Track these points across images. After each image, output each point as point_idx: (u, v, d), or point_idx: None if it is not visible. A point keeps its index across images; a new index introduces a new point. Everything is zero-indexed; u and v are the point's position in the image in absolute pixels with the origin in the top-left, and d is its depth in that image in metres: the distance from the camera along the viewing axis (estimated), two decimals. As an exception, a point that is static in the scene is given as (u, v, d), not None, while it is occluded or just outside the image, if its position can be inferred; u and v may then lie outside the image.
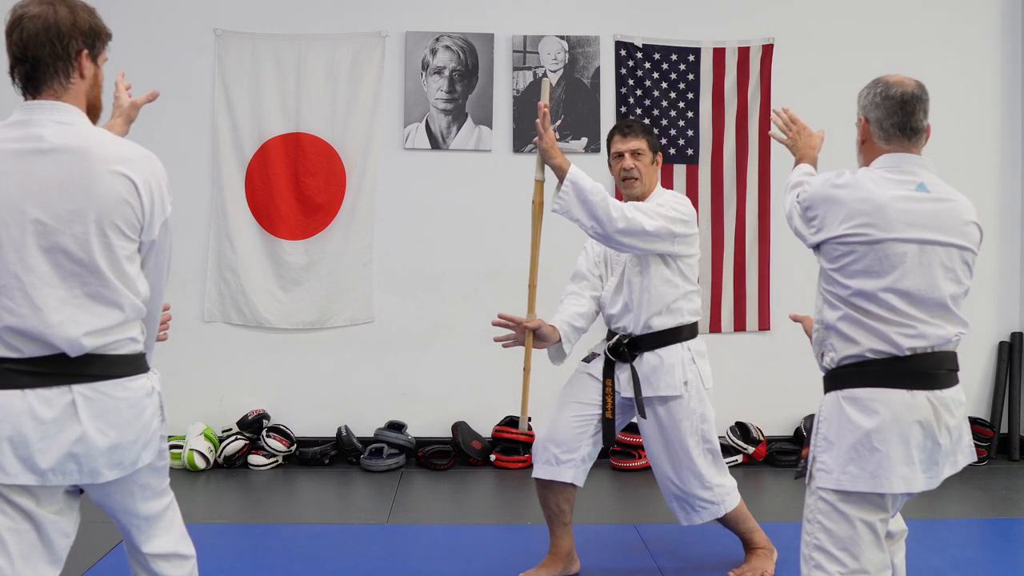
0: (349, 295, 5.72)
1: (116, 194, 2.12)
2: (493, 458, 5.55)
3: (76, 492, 2.24)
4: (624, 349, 3.62)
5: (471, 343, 5.70)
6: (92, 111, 2.23)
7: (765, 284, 5.82)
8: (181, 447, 5.37)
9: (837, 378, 2.54)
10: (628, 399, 3.65)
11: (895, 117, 2.54)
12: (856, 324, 2.49)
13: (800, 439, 5.70)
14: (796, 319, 2.92)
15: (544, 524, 3.79)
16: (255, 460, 5.46)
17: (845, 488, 2.46)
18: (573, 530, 3.75)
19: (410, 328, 5.74)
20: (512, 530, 4.40)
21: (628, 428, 4.58)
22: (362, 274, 5.72)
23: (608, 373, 3.65)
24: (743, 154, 5.79)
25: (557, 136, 3.82)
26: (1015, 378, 5.87)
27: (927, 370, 2.47)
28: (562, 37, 5.74)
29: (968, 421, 2.60)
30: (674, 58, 5.76)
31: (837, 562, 2.46)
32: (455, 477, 5.37)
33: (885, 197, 2.47)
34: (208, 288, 5.69)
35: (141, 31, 5.53)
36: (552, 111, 5.58)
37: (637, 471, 5.34)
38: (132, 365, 2.20)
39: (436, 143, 5.74)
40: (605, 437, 3.66)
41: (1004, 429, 5.86)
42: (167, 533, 2.39)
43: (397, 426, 5.64)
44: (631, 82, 5.75)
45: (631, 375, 3.61)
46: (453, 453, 5.58)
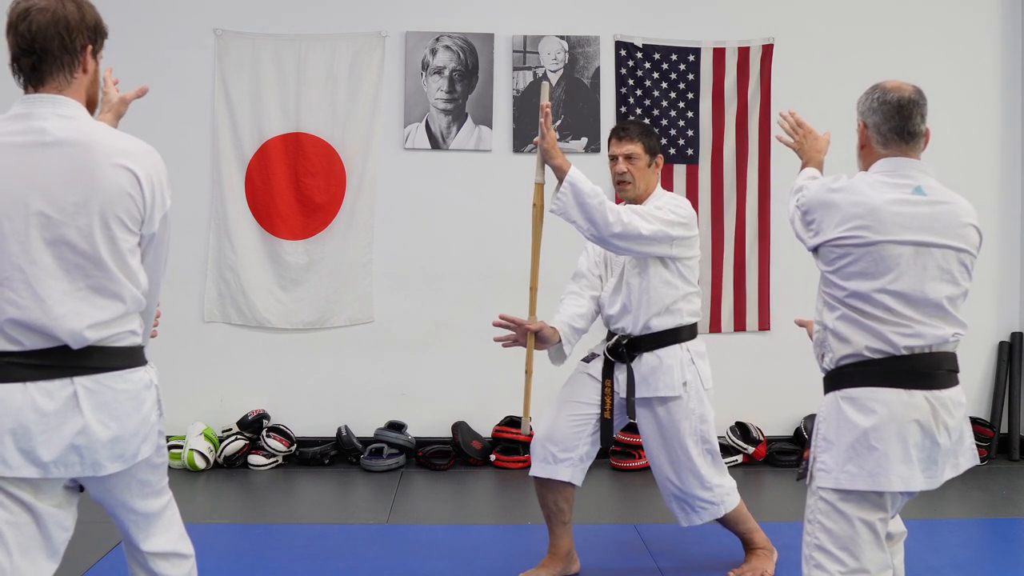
0: (349, 295, 5.72)
1: (119, 187, 2.13)
2: (493, 458, 5.55)
3: (75, 488, 2.24)
4: (623, 350, 3.63)
5: (471, 343, 5.70)
6: (89, 106, 2.25)
7: (765, 284, 5.82)
8: (181, 447, 5.37)
9: (836, 378, 2.55)
10: (624, 399, 3.66)
11: (892, 122, 2.56)
12: (853, 324, 2.50)
13: (800, 439, 5.70)
14: (801, 324, 2.93)
15: (544, 524, 3.79)
16: (255, 460, 5.46)
17: (844, 487, 2.47)
18: (573, 530, 3.75)
19: (410, 328, 5.74)
20: (512, 530, 4.40)
21: (628, 428, 4.60)
22: (362, 274, 5.72)
23: (607, 373, 3.66)
24: (743, 154, 5.79)
25: (557, 136, 3.84)
26: (1015, 378, 5.87)
27: (925, 370, 2.48)
28: (562, 37, 5.74)
29: (970, 423, 2.61)
30: (674, 58, 5.76)
31: (837, 561, 2.47)
32: (455, 477, 5.37)
33: (880, 200, 2.49)
34: (208, 288, 5.69)
35: (141, 31, 5.53)
36: (552, 111, 5.61)
37: (637, 471, 5.34)
38: (132, 358, 2.21)
39: (436, 143, 5.74)
40: (603, 437, 3.66)
41: (1004, 429, 5.86)
42: (166, 532, 2.39)
43: (397, 426, 5.64)
44: (631, 82, 5.75)
45: (628, 376, 3.61)
46: (453, 453, 5.58)
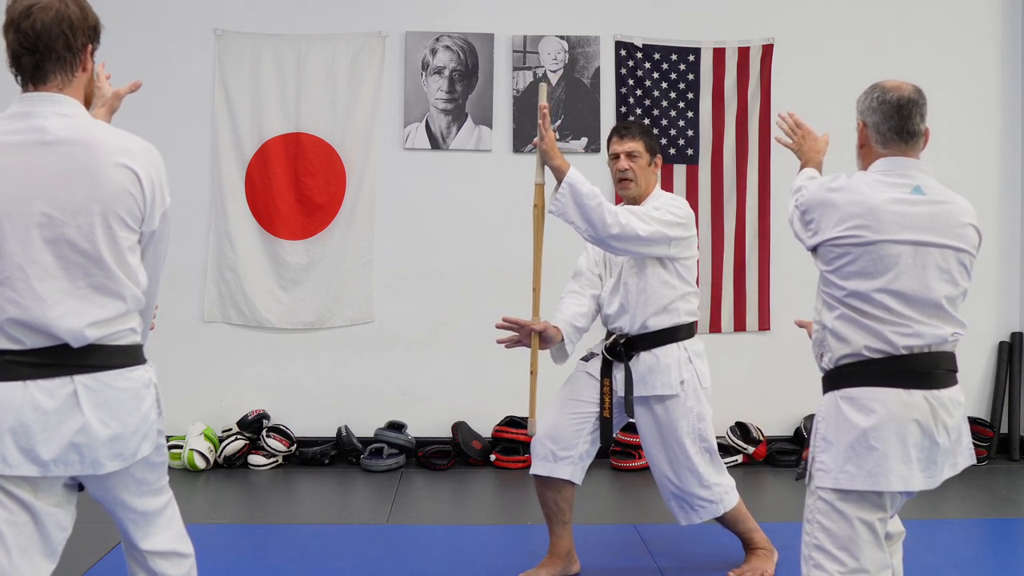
0: (349, 295, 5.72)
1: (120, 185, 2.14)
2: (493, 458, 5.55)
3: (74, 487, 2.24)
4: (620, 349, 3.64)
5: (471, 343, 5.71)
6: (85, 105, 2.26)
7: (765, 284, 5.82)
8: (181, 447, 5.37)
9: (835, 378, 2.55)
10: (622, 398, 3.67)
11: (892, 121, 2.56)
12: (852, 324, 2.50)
13: (800, 439, 5.70)
14: (801, 324, 2.94)
15: (543, 524, 3.80)
16: (255, 460, 5.46)
17: (843, 487, 2.47)
18: (573, 530, 3.75)
19: (410, 328, 5.74)
20: (512, 530, 4.40)
21: (628, 428, 4.60)
22: (362, 274, 5.72)
23: (606, 372, 3.67)
24: (743, 154, 5.79)
25: (557, 136, 3.85)
26: (1015, 378, 5.87)
27: (924, 369, 2.48)
28: (562, 37, 5.74)
29: (968, 423, 2.61)
30: (674, 58, 5.76)
31: (837, 561, 2.47)
32: (455, 477, 5.37)
33: (879, 200, 2.49)
34: (208, 288, 5.69)
35: (141, 31, 5.53)
36: (552, 111, 5.61)
37: (637, 471, 5.34)
38: (131, 356, 2.21)
39: (436, 143, 5.74)
40: (603, 436, 3.67)
41: (1004, 429, 5.86)
42: (166, 531, 2.39)
43: (397, 426, 5.64)
44: (631, 82, 5.75)
45: (625, 374, 3.63)
46: (453, 453, 5.58)
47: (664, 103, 5.76)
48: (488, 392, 5.69)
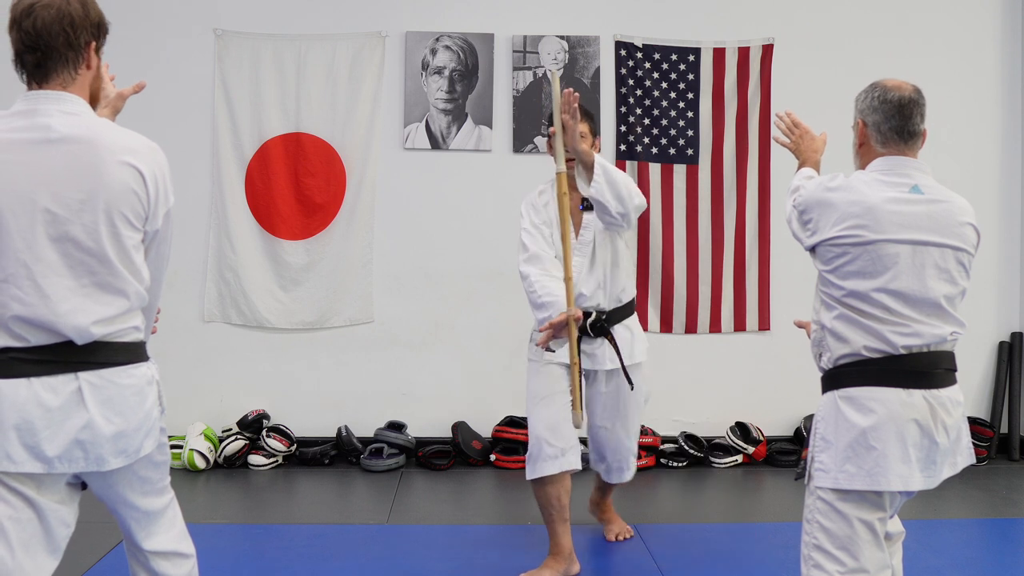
0: (349, 295, 5.72)
1: (124, 184, 2.14)
2: (493, 458, 5.55)
3: (77, 485, 2.25)
4: (603, 324, 3.76)
5: (471, 343, 5.71)
6: (92, 102, 2.26)
7: (765, 284, 5.82)
8: (181, 447, 5.37)
9: (834, 378, 2.55)
10: (592, 372, 3.84)
11: (893, 121, 2.56)
12: (851, 323, 2.50)
13: (800, 439, 5.70)
14: (800, 325, 2.94)
15: (540, 524, 3.81)
16: (255, 460, 5.47)
17: (842, 487, 2.47)
18: (573, 530, 3.76)
19: (410, 328, 5.74)
20: (512, 530, 4.40)
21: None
22: (362, 274, 5.72)
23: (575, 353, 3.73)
24: (743, 154, 5.79)
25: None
26: (1015, 378, 5.87)
27: (923, 369, 2.48)
28: (562, 37, 5.74)
29: (967, 422, 2.61)
30: (674, 58, 5.76)
31: (836, 561, 2.47)
32: (455, 477, 5.37)
33: (877, 199, 2.49)
34: (208, 288, 5.69)
35: (141, 31, 5.53)
36: (552, 111, 5.61)
37: (636, 471, 5.33)
38: (135, 353, 2.22)
39: (436, 143, 5.74)
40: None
41: (1004, 429, 5.87)
42: (168, 531, 2.40)
43: (397, 426, 5.64)
44: (631, 82, 5.75)
45: (613, 348, 3.76)
46: (453, 453, 5.58)
47: (664, 103, 5.76)
48: (488, 392, 5.69)
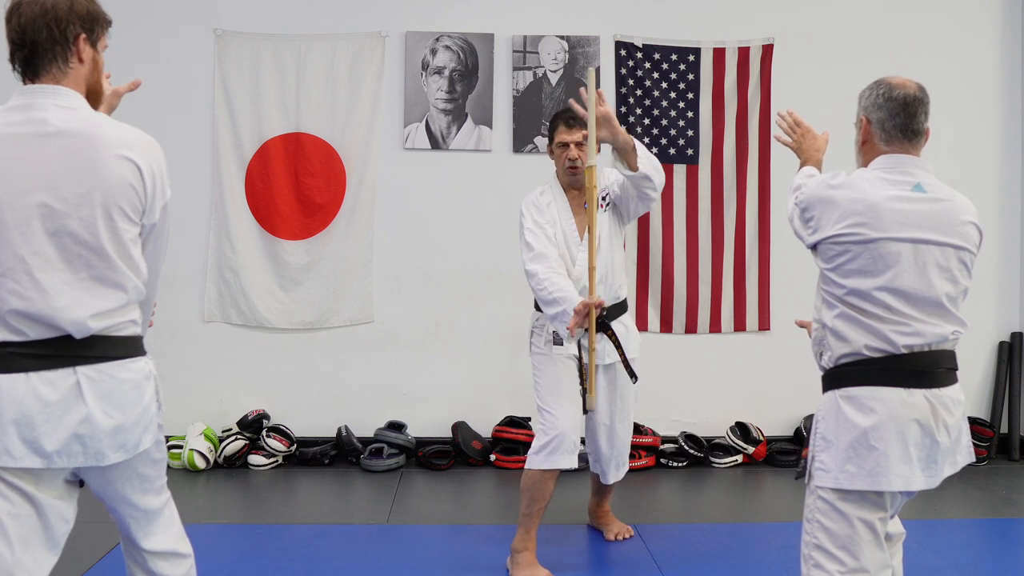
0: (349, 295, 5.72)
1: (122, 178, 2.14)
2: (493, 458, 5.55)
3: (75, 483, 2.25)
4: (604, 319, 3.79)
5: (471, 343, 5.71)
6: (92, 96, 2.26)
7: (765, 284, 5.82)
8: (181, 447, 5.37)
9: (835, 377, 2.55)
10: (587, 366, 3.85)
11: (897, 119, 2.56)
12: (852, 322, 2.50)
13: (800, 439, 5.70)
14: (801, 324, 2.94)
15: (542, 523, 3.82)
16: (255, 460, 5.46)
17: (843, 486, 2.47)
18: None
19: (410, 328, 5.74)
20: (512, 530, 4.38)
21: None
22: (362, 274, 5.72)
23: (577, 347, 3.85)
24: (743, 154, 5.79)
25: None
26: (1015, 378, 5.87)
27: (924, 368, 2.47)
28: (562, 37, 5.74)
29: (967, 421, 2.61)
30: (674, 58, 5.76)
31: (836, 561, 2.47)
32: (455, 477, 5.37)
33: (879, 197, 2.49)
34: (208, 288, 5.69)
35: (141, 31, 5.53)
36: (551, 111, 5.61)
37: (636, 471, 5.34)
38: (132, 347, 2.23)
39: (436, 143, 5.74)
40: (584, 409, 3.82)
41: (1004, 429, 5.87)
42: (166, 530, 2.40)
43: (397, 426, 5.64)
44: (631, 82, 5.75)
45: (613, 343, 3.82)
46: (453, 453, 5.58)
47: (664, 103, 5.76)
48: (488, 392, 5.69)
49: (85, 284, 2.13)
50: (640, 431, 5.49)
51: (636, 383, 3.95)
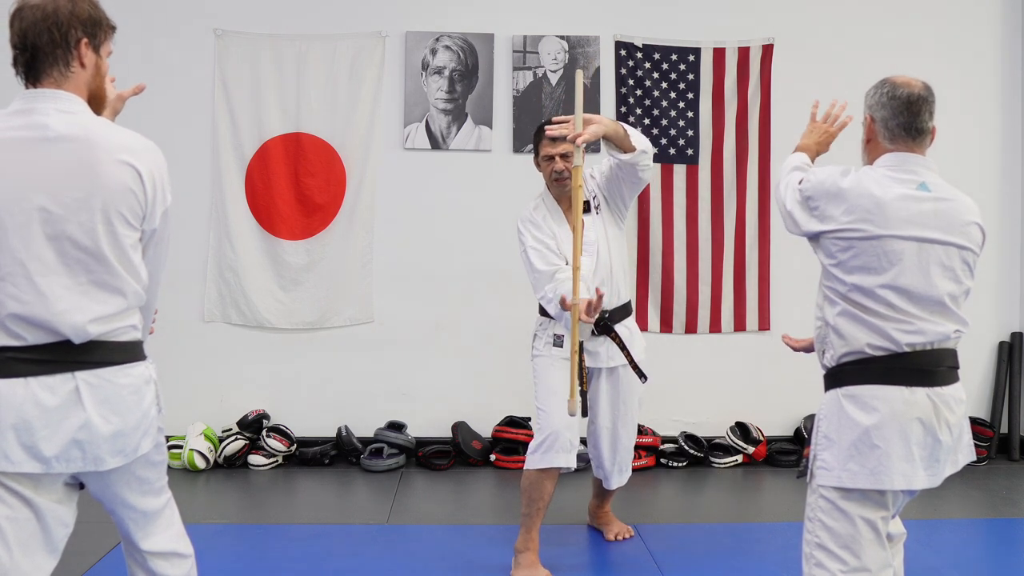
0: (349, 295, 5.72)
1: (122, 183, 2.14)
2: (493, 458, 5.55)
3: (75, 485, 2.25)
4: (607, 322, 3.81)
5: (471, 343, 5.71)
6: (95, 101, 2.25)
7: (765, 284, 5.82)
8: (181, 447, 5.37)
9: (837, 376, 2.55)
10: (594, 370, 3.89)
11: (901, 117, 2.56)
12: (855, 320, 2.50)
13: (800, 439, 5.70)
14: (788, 343, 2.98)
15: (542, 523, 3.82)
16: (255, 460, 5.46)
17: (845, 485, 2.47)
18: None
19: (410, 328, 5.74)
20: (512, 530, 4.39)
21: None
22: (362, 274, 5.72)
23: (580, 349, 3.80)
24: (743, 154, 5.79)
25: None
26: (1015, 378, 5.87)
27: (926, 367, 2.48)
28: (562, 37, 5.74)
29: (968, 419, 2.61)
30: (674, 58, 5.76)
31: (838, 560, 2.47)
32: (455, 477, 5.37)
33: (885, 195, 2.49)
34: (208, 288, 5.68)
35: (141, 31, 5.53)
36: (551, 111, 5.61)
37: (636, 471, 5.32)
38: (132, 352, 2.22)
39: (436, 143, 5.74)
40: (584, 410, 3.82)
41: (1004, 429, 5.87)
42: (166, 531, 2.40)
43: (397, 426, 5.64)
44: (631, 82, 5.75)
45: (618, 345, 3.83)
46: (453, 453, 5.57)
47: (664, 103, 5.76)
48: (488, 392, 5.69)
49: (84, 289, 2.12)
50: (640, 431, 5.48)
51: (646, 383, 3.95)
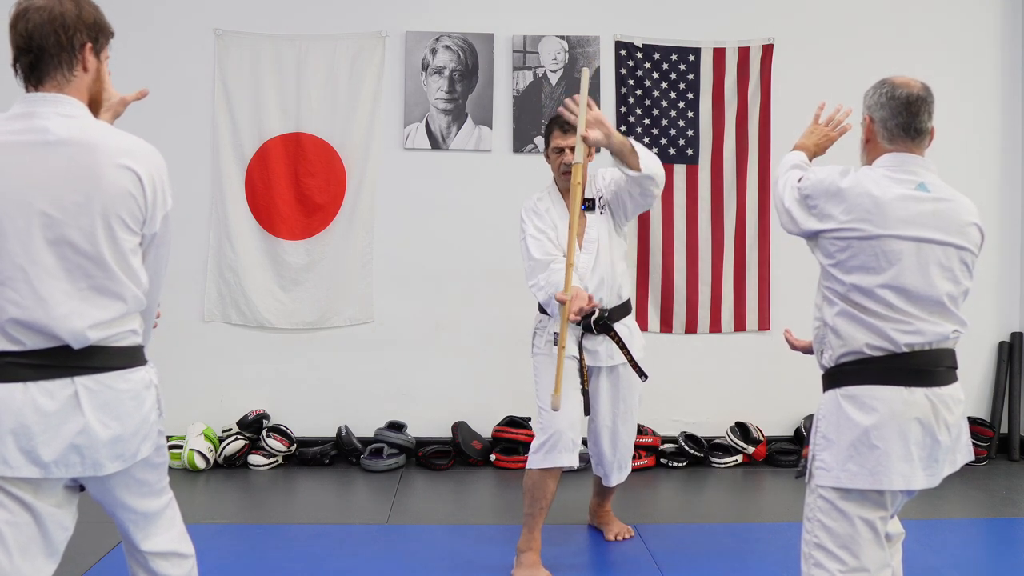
0: (349, 295, 5.72)
1: (122, 187, 2.13)
2: (493, 458, 5.55)
3: (75, 488, 2.24)
4: (607, 321, 3.81)
5: (471, 343, 5.71)
6: (94, 106, 2.25)
7: (765, 284, 5.82)
8: (181, 447, 5.37)
9: (836, 376, 2.55)
10: (594, 368, 3.88)
11: (900, 118, 2.56)
12: (853, 320, 2.50)
13: (800, 439, 5.70)
14: (790, 341, 2.97)
15: (543, 523, 3.81)
16: (255, 460, 5.46)
17: (844, 485, 2.47)
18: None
19: (410, 328, 5.74)
20: (512, 530, 4.39)
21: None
22: (362, 274, 5.72)
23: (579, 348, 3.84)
24: (743, 154, 5.79)
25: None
26: (1015, 378, 5.87)
27: (925, 367, 2.48)
28: (562, 37, 5.74)
29: (967, 419, 2.61)
30: (674, 58, 5.76)
31: (837, 560, 2.47)
32: (455, 477, 5.37)
33: (884, 195, 2.49)
34: (208, 288, 5.69)
35: (141, 31, 5.53)
36: (551, 111, 5.61)
37: (636, 471, 5.33)
38: (132, 357, 2.22)
39: (436, 143, 5.74)
40: (586, 409, 3.82)
41: (1004, 429, 5.87)
42: (166, 531, 2.39)
43: (397, 426, 5.64)
44: (631, 82, 5.75)
45: (618, 343, 3.83)
46: (453, 453, 5.58)
47: (664, 103, 5.76)
48: (488, 392, 5.69)
49: (84, 294, 2.12)
50: (640, 431, 5.48)
51: (645, 381, 3.95)
